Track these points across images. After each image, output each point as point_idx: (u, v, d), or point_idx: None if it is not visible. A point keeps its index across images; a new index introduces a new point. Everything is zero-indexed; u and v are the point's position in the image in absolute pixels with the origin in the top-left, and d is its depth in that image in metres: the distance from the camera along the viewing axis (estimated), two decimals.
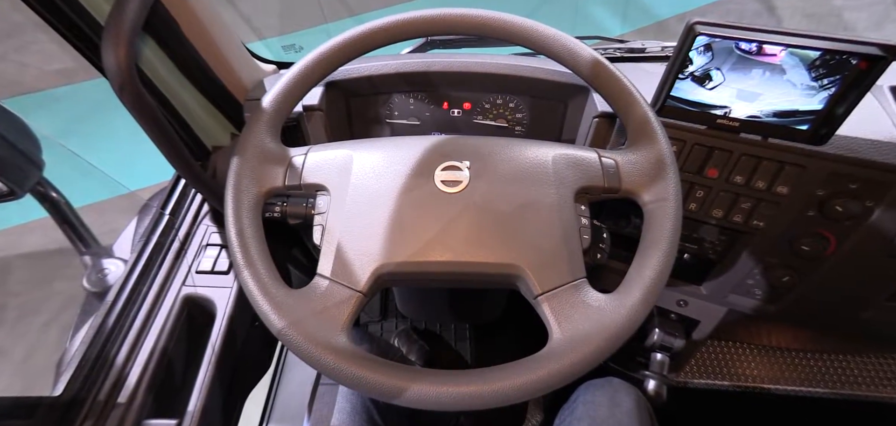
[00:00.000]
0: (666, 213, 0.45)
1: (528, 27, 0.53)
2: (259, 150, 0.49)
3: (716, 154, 0.61)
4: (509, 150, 0.50)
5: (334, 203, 0.47)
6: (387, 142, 0.51)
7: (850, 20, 2.89)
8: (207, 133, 0.73)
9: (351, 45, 0.54)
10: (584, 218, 0.48)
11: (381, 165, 0.49)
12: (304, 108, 0.69)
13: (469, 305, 1.04)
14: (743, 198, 0.63)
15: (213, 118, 0.72)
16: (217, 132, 0.74)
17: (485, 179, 0.47)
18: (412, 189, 0.47)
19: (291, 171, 0.50)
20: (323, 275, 0.44)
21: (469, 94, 0.76)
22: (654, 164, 0.48)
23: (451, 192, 0.47)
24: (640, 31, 3.01)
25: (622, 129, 0.68)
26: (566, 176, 0.48)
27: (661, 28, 2.98)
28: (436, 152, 0.49)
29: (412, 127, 0.79)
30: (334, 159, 0.50)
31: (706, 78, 0.56)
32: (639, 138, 0.51)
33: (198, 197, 0.73)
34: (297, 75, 0.53)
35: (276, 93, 0.52)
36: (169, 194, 0.72)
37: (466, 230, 0.45)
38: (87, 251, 0.68)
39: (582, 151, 0.51)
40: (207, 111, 0.71)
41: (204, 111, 0.70)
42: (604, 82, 0.53)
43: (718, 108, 0.58)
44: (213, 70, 0.66)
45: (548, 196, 0.47)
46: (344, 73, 0.71)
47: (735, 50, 0.53)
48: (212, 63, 0.65)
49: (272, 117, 0.51)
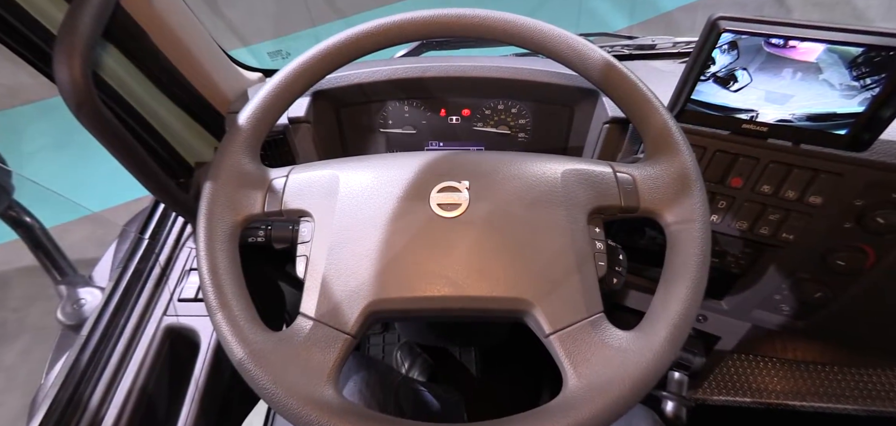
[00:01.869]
0: (692, 236, 0.40)
1: (530, 28, 0.48)
2: (235, 173, 0.44)
3: (740, 161, 0.56)
4: (513, 167, 0.45)
5: (319, 231, 0.42)
6: (376, 160, 0.46)
7: (861, 7, 2.80)
8: (189, 148, 0.68)
9: (337, 53, 0.49)
10: (599, 242, 0.42)
11: (370, 187, 0.44)
12: (289, 120, 0.64)
13: (473, 329, 0.99)
14: (771, 209, 0.57)
15: (194, 133, 0.68)
16: (200, 147, 0.69)
17: (486, 201, 0.42)
18: (405, 214, 0.42)
19: (271, 196, 0.45)
20: (306, 315, 0.39)
21: (468, 100, 0.71)
22: (677, 179, 0.43)
23: (449, 216, 0.42)
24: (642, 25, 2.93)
25: (636, 135, 0.62)
26: (578, 195, 0.43)
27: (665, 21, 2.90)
28: (431, 171, 0.44)
29: (408, 136, 0.74)
30: (318, 181, 0.45)
31: (730, 79, 0.51)
32: (658, 149, 0.45)
33: (180, 219, 0.69)
34: (277, 88, 0.47)
35: (253, 108, 0.47)
36: (148, 216, 0.67)
37: (467, 259, 0.40)
38: (62, 280, 0.64)
39: (595, 166, 0.45)
40: (188, 126, 0.66)
41: (184, 126, 0.66)
42: (616, 87, 0.47)
43: (744, 111, 0.52)
44: (191, 81, 0.61)
45: (557, 219, 0.42)
46: (332, 82, 0.66)
47: (764, 48, 0.47)
48: (189, 74, 0.60)
49: (249, 135, 0.46)
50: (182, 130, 0.66)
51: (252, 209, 0.44)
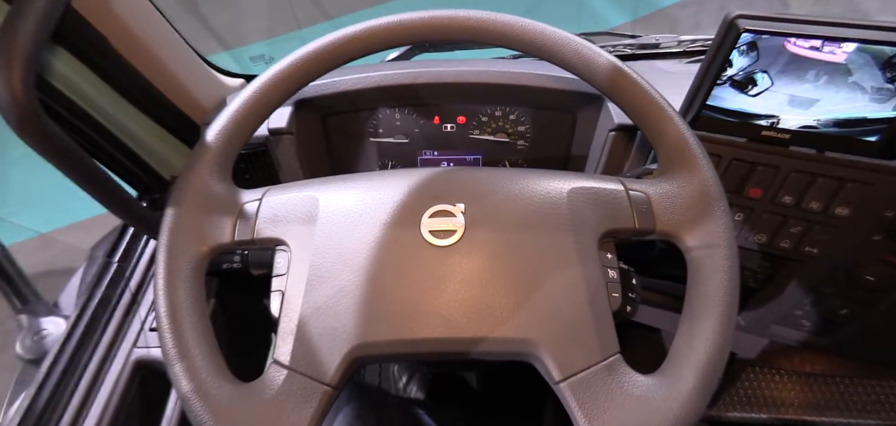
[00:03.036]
0: (718, 264, 0.35)
1: (530, 31, 0.43)
2: (201, 197, 0.39)
3: (759, 171, 0.51)
4: (513, 186, 0.40)
5: (296, 263, 0.38)
6: (361, 180, 0.42)
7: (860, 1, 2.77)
8: (164, 162, 0.63)
9: (319, 59, 0.44)
10: (612, 269, 0.38)
11: (353, 212, 0.39)
12: (270, 132, 0.59)
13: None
14: (792, 221, 0.53)
15: (168, 145, 0.63)
16: (176, 160, 0.64)
17: (484, 226, 0.38)
18: (393, 243, 0.37)
19: (243, 222, 0.40)
20: (280, 364, 0.34)
21: (463, 107, 0.66)
22: (697, 197, 0.38)
23: (443, 244, 0.37)
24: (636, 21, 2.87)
25: (645, 143, 0.58)
26: (587, 217, 0.38)
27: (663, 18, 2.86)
28: (422, 193, 0.39)
29: (400, 146, 0.69)
30: (295, 205, 0.40)
31: (749, 82, 0.47)
32: (674, 164, 0.41)
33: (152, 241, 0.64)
34: (251, 99, 0.43)
35: (223, 123, 0.42)
36: (118, 238, 0.62)
37: (463, 295, 0.35)
38: (23, 308, 0.59)
39: (604, 183, 0.41)
40: (161, 138, 0.61)
41: (156, 138, 0.61)
42: (626, 95, 0.43)
43: (764, 117, 0.48)
44: (161, 90, 0.56)
45: (565, 245, 0.37)
46: (317, 89, 0.61)
47: (786, 48, 0.43)
48: (158, 82, 0.55)
49: (219, 153, 0.41)
50: (155, 143, 0.61)
51: (220, 238, 0.39)
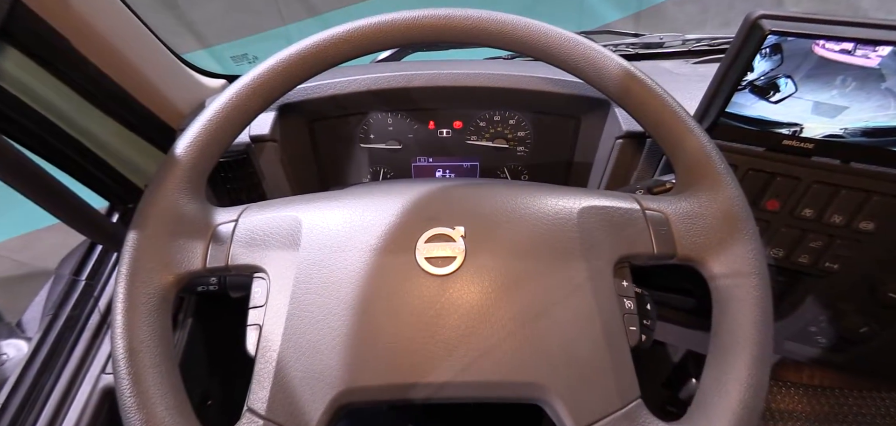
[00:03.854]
0: (749, 295, 0.32)
1: (532, 32, 0.39)
2: (169, 218, 0.35)
3: (778, 181, 0.48)
4: (518, 204, 0.36)
5: (275, 294, 0.33)
6: (348, 198, 0.37)
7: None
8: (137, 170, 0.59)
9: (301, 63, 0.40)
10: (628, 299, 0.34)
11: (340, 235, 0.35)
12: (252, 139, 0.55)
13: None
14: (812, 235, 0.50)
15: (141, 151, 0.58)
16: (150, 167, 0.60)
17: (487, 252, 0.34)
18: (385, 271, 0.33)
19: (216, 246, 0.35)
20: (255, 413, 0.30)
21: (460, 111, 0.62)
22: (721, 218, 0.35)
23: (441, 272, 0.33)
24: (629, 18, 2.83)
25: (655, 151, 0.54)
26: (600, 241, 0.35)
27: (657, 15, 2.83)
28: (417, 213, 0.35)
29: (393, 152, 0.65)
30: (275, 227, 0.36)
31: (771, 88, 0.43)
32: (694, 180, 0.37)
33: None
34: (226, 108, 0.38)
35: (195, 134, 0.37)
36: (86, 253, 0.57)
37: (465, 332, 0.32)
38: None
39: (618, 201, 0.37)
40: (133, 144, 0.57)
41: (128, 144, 0.56)
42: (639, 103, 0.39)
43: (786, 126, 0.44)
44: (132, 92, 0.52)
45: (577, 274, 0.33)
46: (302, 93, 0.57)
47: (814, 51, 0.40)
48: (128, 84, 0.51)
49: (190, 168, 0.36)
50: (126, 150, 0.57)
51: (190, 265, 0.34)
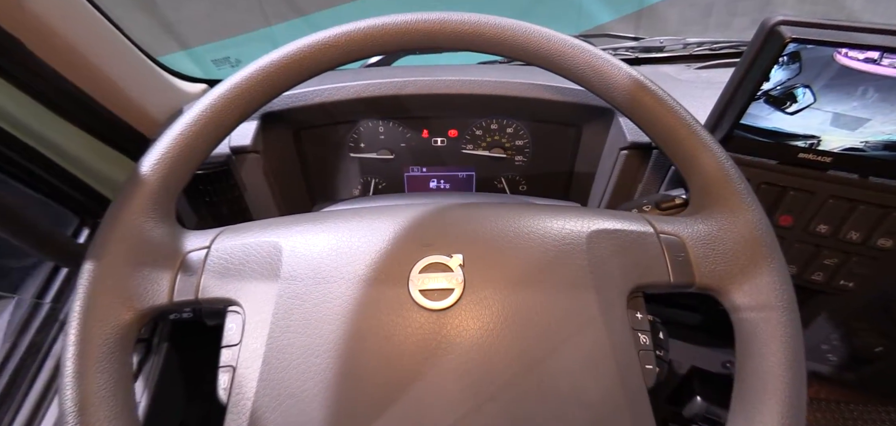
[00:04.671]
0: (776, 332, 0.29)
1: (533, 38, 0.36)
2: (131, 245, 0.31)
3: (791, 196, 0.45)
4: (521, 227, 0.33)
5: (251, 332, 0.30)
6: (333, 221, 0.34)
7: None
8: (107, 182, 0.55)
9: (284, 71, 0.36)
10: (643, 333, 0.31)
11: (324, 265, 0.31)
12: (232, 151, 0.51)
13: None
14: (827, 251, 0.47)
15: (113, 162, 0.54)
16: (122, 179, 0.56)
17: (488, 283, 0.30)
18: (375, 307, 0.30)
19: (185, 276, 0.32)
20: None
21: (455, 119, 0.59)
22: (743, 243, 0.32)
23: (437, 307, 0.30)
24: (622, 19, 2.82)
25: (662, 163, 0.51)
26: (612, 269, 0.31)
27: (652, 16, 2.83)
28: (410, 239, 0.32)
29: (384, 162, 0.62)
30: (252, 254, 0.32)
31: (787, 98, 0.40)
32: (711, 200, 0.34)
33: None
34: (201, 120, 0.34)
35: (164, 149, 0.34)
36: (50, 274, 0.53)
37: (464, 374, 0.28)
38: None
39: (630, 223, 0.34)
40: (102, 154, 0.53)
41: (97, 155, 0.52)
42: (650, 116, 0.36)
43: (802, 138, 0.42)
44: (98, 100, 0.47)
45: (587, 306, 0.30)
46: (286, 101, 0.53)
47: (835, 60, 0.37)
48: (94, 90, 0.47)
49: (157, 188, 0.33)
50: (96, 160, 0.52)
51: (154, 298, 0.31)
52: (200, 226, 0.59)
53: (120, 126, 0.51)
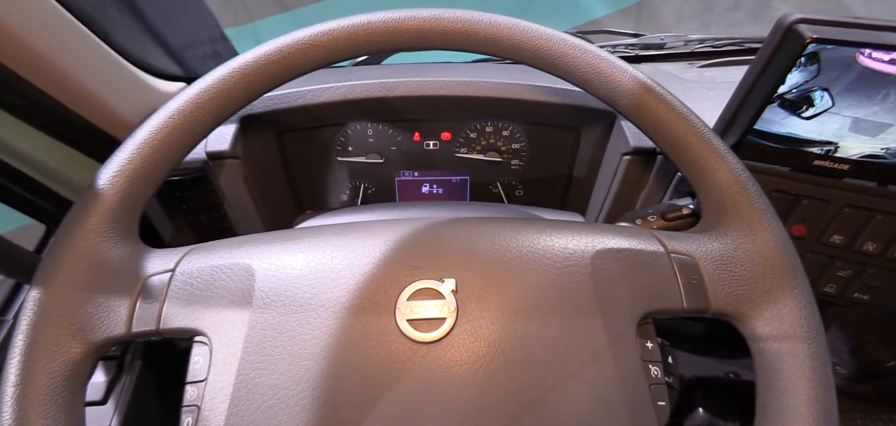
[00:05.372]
0: (803, 365, 0.26)
1: (531, 37, 0.33)
2: (85, 269, 0.28)
3: (804, 205, 0.43)
4: (520, 247, 0.30)
5: (218, 367, 0.27)
6: (312, 240, 0.31)
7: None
8: (72, 184, 0.51)
9: (260, 74, 0.33)
10: (655, 365, 0.28)
11: (301, 290, 0.28)
12: (209, 156, 0.48)
13: None
14: (841, 263, 0.45)
15: (81, 166, 0.51)
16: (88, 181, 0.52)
17: (483, 312, 0.27)
18: (358, 339, 0.27)
19: (145, 303, 0.28)
20: None
21: (448, 121, 0.56)
22: (763, 264, 0.29)
23: (428, 339, 0.27)
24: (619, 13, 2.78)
25: (665, 168, 0.49)
26: (620, 294, 0.29)
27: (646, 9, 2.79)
28: (397, 261, 0.29)
29: (374, 166, 0.59)
30: (221, 277, 0.29)
31: (804, 102, 0.38)
32: (726, 216, 0.31)
33: None
34: (168, 126, 0.31)
35: (124, 160, 0.30)
36: (14, 289, 0.49)
37: (457, 417, 0.25)
38: None
39: (638, 241, 0.31)
40: (68, 157, 0.49)
41: (60, 158, 0.49)
42: (658, 122, 0.33)
43: (818, 144, 0.39)
44: (61, 100, 0.44)
45: (593, 336, 0.27)
46: (268, 103, 0.50)
47: (857, 61, 0.34)
48: (54, 90, 0.43)
49: (116, 204, 0.29)
50: (61, 165, 0.49)
51: (109, 330, 0.27)
52: (176, 235, 0.56)
53: (85, 128, 0.48)
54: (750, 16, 2.53)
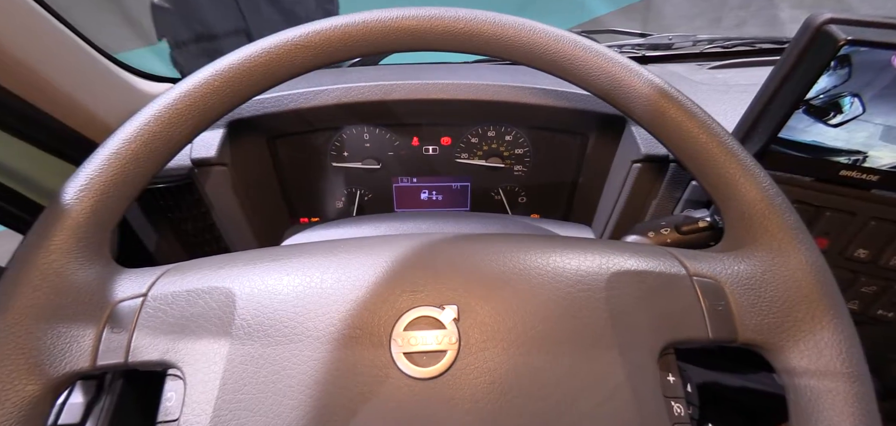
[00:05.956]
0: (846, 408, 0.24)
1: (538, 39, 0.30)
2: (47, 294, 0.25)
3: (827, 217, 0.40)
4: (527, 268, 0.27)
5: (192, 406, 0.24)
6: (299, 260, 0.28)
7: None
8: (44, 192, 0.48)
9: (245, 77, 0.30)
10: (678, 402, 0.26)
11: (287, 319, 0.25)
12: (194, 164, 0.45)
13: None
14: (865, 278, 0.42)
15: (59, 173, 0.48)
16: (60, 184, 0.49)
17: (489, 344, 0.25)
18: (348, 376, 0.24)
19: (113, 331, 0.26)
20: None
21: (448, 126, 0.53)
22: (798, 291, 0.27)
23: (426, 375, 0.24)
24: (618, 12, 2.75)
25: (678, 177, 0.46)
26: (639, 322, 0.26)
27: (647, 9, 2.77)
28: (393, 286, 0.26)
29: (370, 172, 0.56)
30: (199, 303, 0.26)
31: (831, 108, 0.35)
32: (754, 235, 0.29)
33: None
34: (140, 137, 0.28)
35: (94, 172, 0.28)
36: None
37: None
38: None
39: (657, 261, 0.28)
40: (41, 161, 0.46)
41: (37, 164, 0.46)
42: (677, 131, 0.30)
43: (845, 153, 0.37)
44: (34, 102, 0.41)
45: (610, 371, 0.24)
46: (257, 107, 0.47)
47: (893, 65, 0.32)
48: (26, 92, 0.40)
49: (84, 221, 0.27)
50: (31, 169, 0.46)
51: (72, 363, 0.24)
52: (162, 246, 0.53)
53: (63, 133, 0.45)
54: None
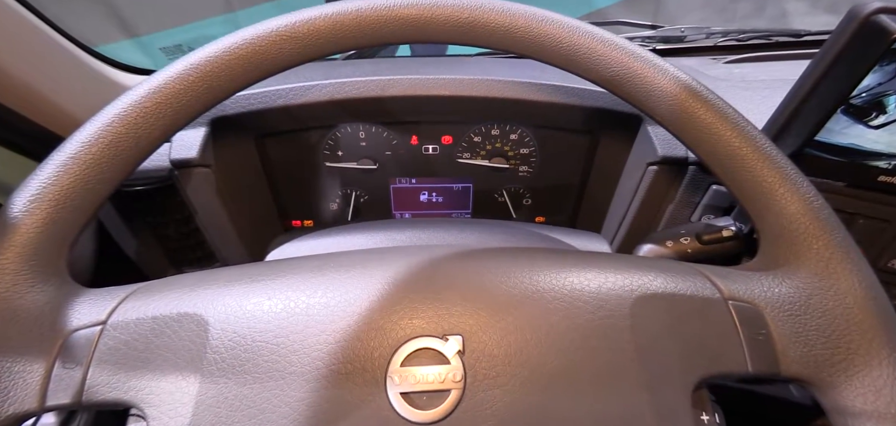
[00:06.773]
0: None
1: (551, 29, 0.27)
2: None
3: (861, 224, 0.37)
4: (541, 291, 0.24)
5: None
6: (281, 280, 0.25)
7: None
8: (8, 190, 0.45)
9: (223, 71, 0.26)
10: None
11: (265, 351, 0.22)
12: (174, 165, 0.41)
13: None
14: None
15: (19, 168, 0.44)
16: None
17: (497, 381, 0.22)
18: (338, 419, 0.21)
19: (64, 366, 0.22)
20: None
21: (449, 124, 0.50)
22: (850, 319, 0.23)
23: (427, 420, 0.21)
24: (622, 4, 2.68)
25: (697, 181, 0.43)
26: (668, 355, 0.23)
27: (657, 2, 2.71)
28: (389, 310, 0.23)
29: (367, 173, 0.52)
30: (165, 332, 0.23)
31: (874, 109, 0.32)
32: (795, 254, 0.25)
33: None
34: (105, 138, 0.25)
35: (46, 180, 0.24)
36: None
37: None
38: None
39: (687, 282, 0.25)
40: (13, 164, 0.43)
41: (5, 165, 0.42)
42: (706, 135, 0.27)
43: (885, 157, 0.34)
44: None
45: (634, 412, 0.21)
46: (243, 103, 0.43)
47: None
48: None
49: (35, 237, 0.23)
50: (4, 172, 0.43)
51: (16, 404, 0.21)
52: (142, 252, 0.50)
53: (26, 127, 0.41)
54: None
